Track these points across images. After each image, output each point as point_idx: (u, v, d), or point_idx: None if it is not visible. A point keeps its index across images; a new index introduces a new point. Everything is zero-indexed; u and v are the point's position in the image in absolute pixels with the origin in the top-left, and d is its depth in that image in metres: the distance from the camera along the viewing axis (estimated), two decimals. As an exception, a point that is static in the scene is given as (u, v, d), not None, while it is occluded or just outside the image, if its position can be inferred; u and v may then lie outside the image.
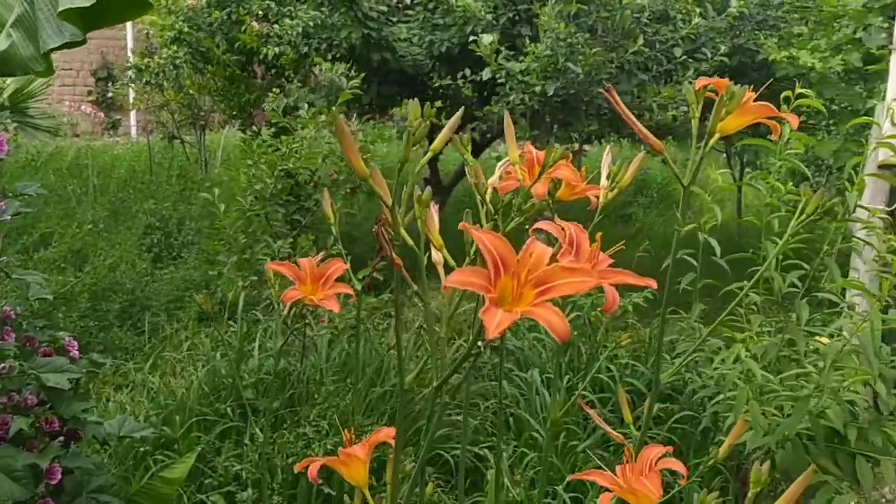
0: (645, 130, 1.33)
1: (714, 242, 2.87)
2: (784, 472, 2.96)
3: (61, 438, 2.25)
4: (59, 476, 2.15)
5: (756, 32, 6.08)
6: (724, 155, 8.31)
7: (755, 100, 1.30)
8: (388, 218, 1.07)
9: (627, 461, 1.23)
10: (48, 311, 4.50)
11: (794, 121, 1.29)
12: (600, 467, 3.00)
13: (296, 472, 2.34)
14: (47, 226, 6.16)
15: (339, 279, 1.63)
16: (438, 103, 6.76)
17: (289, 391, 3.78)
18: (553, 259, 1.01)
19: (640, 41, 4.98)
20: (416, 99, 1.12)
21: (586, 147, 7.92)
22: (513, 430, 3.61)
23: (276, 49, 5.53)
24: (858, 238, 3.07)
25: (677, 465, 1.24)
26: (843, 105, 5.29)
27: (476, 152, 7.51)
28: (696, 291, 2.81)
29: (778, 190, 2.71)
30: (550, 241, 1.09)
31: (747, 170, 8.02)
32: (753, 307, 2.84)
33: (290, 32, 5.50)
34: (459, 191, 8.01)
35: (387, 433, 1.42)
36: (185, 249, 6.19)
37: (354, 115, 7.01)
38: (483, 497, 3.13)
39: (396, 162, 1.07)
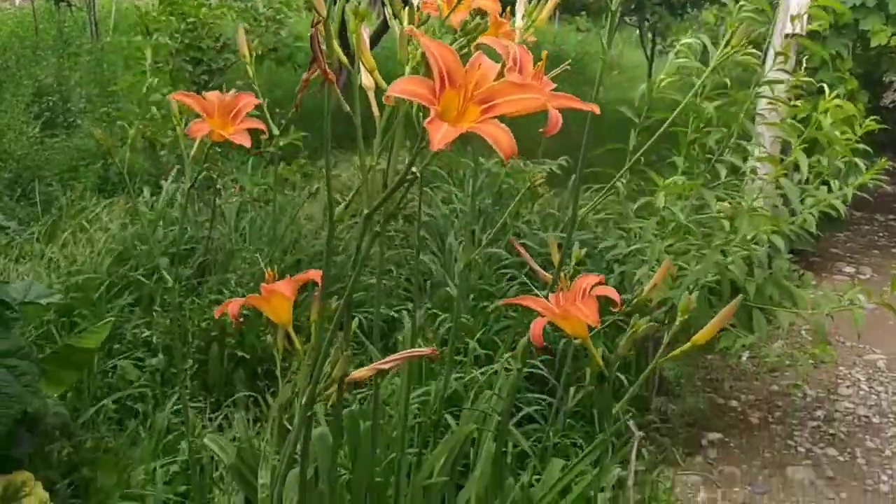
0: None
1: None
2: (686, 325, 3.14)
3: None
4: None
5: None
6: (638, 32, 8.34)
7: None
8: (322, 31, 1.00)
9: (562, 289, 1.19)
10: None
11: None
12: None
13: (216, 316, 2.29)
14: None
15: (251, 116, 1.51)
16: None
17: (198, 260, 3.68)
18: (499, 76, 0.97)
19: None
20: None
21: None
22: (427, 295, 3.64)
23: None
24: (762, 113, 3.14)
25: (611, 292, 1.21)
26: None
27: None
28: (629, 152, 2.84)
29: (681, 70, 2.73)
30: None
31: (659, 46, 8.10)
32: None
33: None
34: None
35: (315, 273, 1.38)
36: (80, 116, 5.81)
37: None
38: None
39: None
